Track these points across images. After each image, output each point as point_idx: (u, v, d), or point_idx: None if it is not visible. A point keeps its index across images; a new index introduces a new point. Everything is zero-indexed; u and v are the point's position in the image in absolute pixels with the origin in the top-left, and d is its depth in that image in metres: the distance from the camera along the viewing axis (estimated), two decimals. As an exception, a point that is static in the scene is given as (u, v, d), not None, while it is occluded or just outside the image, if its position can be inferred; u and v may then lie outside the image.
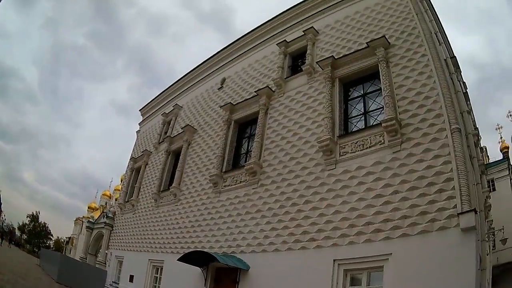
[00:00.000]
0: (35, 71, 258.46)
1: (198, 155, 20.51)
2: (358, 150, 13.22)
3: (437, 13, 18.41)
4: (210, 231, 17.07)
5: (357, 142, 13.35)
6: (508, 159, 48.38)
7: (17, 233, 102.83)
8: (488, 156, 41.00)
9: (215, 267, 15.74)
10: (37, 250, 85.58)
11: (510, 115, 61.80)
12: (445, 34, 19.37)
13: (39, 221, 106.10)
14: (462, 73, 20.06)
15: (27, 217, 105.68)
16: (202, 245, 17.01)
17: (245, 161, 17.25)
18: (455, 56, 17.24)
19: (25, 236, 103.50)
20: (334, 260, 12.09)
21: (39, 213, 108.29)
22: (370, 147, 13.00)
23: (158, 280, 19.53)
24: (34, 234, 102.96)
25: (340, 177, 13.21)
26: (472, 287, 9.79)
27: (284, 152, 15.45)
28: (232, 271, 14.68)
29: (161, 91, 29.26)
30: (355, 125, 14.35)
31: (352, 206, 12.47)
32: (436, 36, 14.80)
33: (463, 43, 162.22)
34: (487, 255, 17.31)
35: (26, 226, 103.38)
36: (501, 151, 59.15)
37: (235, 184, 16.93)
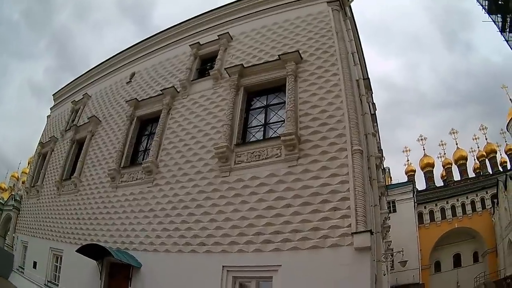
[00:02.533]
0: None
1: (99, 147, 19.14)
2: (254, 160, 12.72)
3: (359, 33, 18.20)
4: (105, 225, 15.94)
5: (253, 152, 12.83)
6: (413, 182, 50.09)
7: None
8: (391, 177, 41.92)
9: (110, 262, 14.63)
10: None
11: (421, 139, 64.58)
12: (363, 54, 19.35)
13: None
14: (373, 94, 20.11)
15: None
16: (98, 238, 15.84)
17: (143, 159, 16.19)
18: (368, 78, 17.32)
19: None
20: (223, 266, 11.56)
21: None
22: (266, 158, 12.54)
23: (58, 269, 18.04)
24: None
25: (233, 185, 12.65)
26: None
27: (181, 155, 14.65)
28: (125, 267, 13.75)
29: (74, 78, 27.17)
30: (254, 135, 13.80)
31: (243, 215, 11.98)
32: (353, 56, 14.72)
33: (383, 64, 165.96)
34: (384, 275, 17.46)
35: None
36: (406, 173, 61.55)
37: (131, 181, 15.86)
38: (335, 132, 11.88)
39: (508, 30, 28.61)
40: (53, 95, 29.84)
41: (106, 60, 23.63)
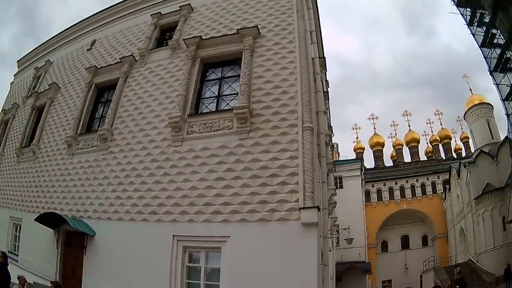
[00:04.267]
0: None
1: (58, 114, 18.30)
2: (206, 132, 12.48)
3: (319, 11, 17.72)
4: (62, 193, 15.39)
5: (205, 123, 12.58)
6: (361, 160, 49.97)
7: None
8: (339, 153, 41.67)
9: (66, 230, 14.17)
10: None
11: (372, 118, 64.18)
12: (321, 33, 18.95)
13: None
14: (327, 72, 19.79)
15: None
16: (54, 206, 15.29)
17: (99, 126, 15.57)
18: (323, 57, 16.94)
19: None
20: (173, 236, 11.46)
21: None
22: (217, 130, 12.32)
23: (17, 238, 17.39)
24: None
25: (184, 155, 12.40)
26: (313, 281, 9.60)
27: (135, 123, 14.16)
28: (80, 236, 13.42)
29: (38, 45, 25.77)
30: (207, 107, 13.48)
31: (193, 185, 11.79)
32: (310, 35, 14.42)
33: (339, 40, 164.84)
34: (330, 251, 17.50)
35: None
36: (354, 151, 61.27)
37: (87, 148, 15.31)
38: (287, 108, 11.75)
39: (476, 24, 28.45)
40: (17, 61, 28.42)
41: (69, 28, 22.44)
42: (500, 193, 32.90)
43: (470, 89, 46.61)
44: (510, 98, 25.77)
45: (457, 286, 20.59)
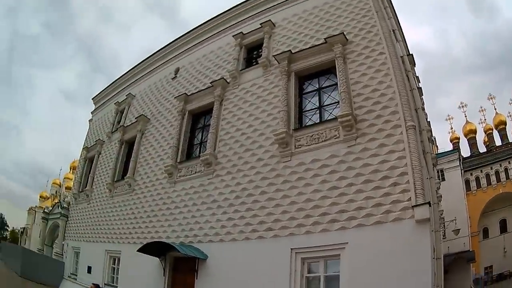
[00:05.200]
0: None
1: (152, 145, 20.02)
2: (313, 143, 13.33)
3: (395, 9, 18.54)
4: (166, 221, 16.80)
5: (312, 135, 13.44)
6: (458, 149, 50.08)
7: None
8: (437, 146, 42.07)
9: (173, 257, 15.55)
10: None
11: (462, 106, 63.72)
12: (402, 31, 19.62)
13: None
14: (415, 68, 20.43)
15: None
16: (158, 235, 16.75)
17: (200, 152, 16.96)
18: (411, 54, 17.49)
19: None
20: (291, 249, 12.24)
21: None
22: (325, 140, 13.14)
23: (115, 270, 19.08)
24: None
25: (295, 169, 13.28)
26: (428, 275, 10.17)
27: (239, 144, 15.33)
28: (190, 260, 14.54)
29: (114, 80, 28.27)
30: (310, 119, 14.37)
31: (308, 197, 12.60)
32: (394, 34, 14.99)
33: (413, 33, 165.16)
34: (440, 244, 17.94)
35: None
36: (451, 141, 60.95)
37: (190, 175, 16.67)
38: (389, 110, 12.42)
39: None
40: (92, 99, 31.10)
41: (147, 58, 24.50)
42: None
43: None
44: None
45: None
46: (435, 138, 30.63)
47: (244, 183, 14.39)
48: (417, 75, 20.28)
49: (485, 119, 62.91)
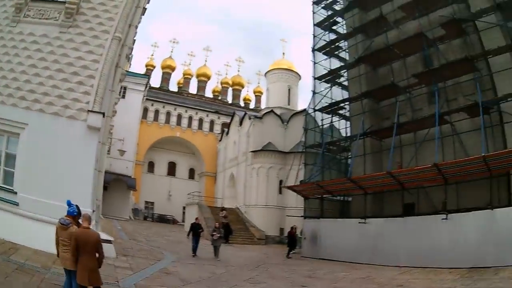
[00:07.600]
0: None
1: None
2: (37, 18, 13.14)
3: None
4: None
5: (40, 10, 13.20)
6: (149, 77, 51.41)
7: None
8: (130, 64, 41.78)
9: None
10: None
11: (173, 42, 65.93)
12: None
13: None
14: None
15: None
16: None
17: None
18: None
19: None
20: None
21: None
22: (46, 19, 13.11)
23: None
24: None
25: (14, 36, 12.97)
26: (89, 185, 11.45)
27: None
28: None
29: None
30: None
31: (12, 68, 12.52)
32: None
33: None
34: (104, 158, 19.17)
35: None
36: (146, 66, 62.40)
37: None
38: (107, 15, 13.00)
39: (323, 5, 31.33)
40: None
41: None
42: (282, 157, 37.41)
43: (283, 53, 50.71)
44: (321, 79, 29.74)
45: (221, 229, 21.98)
46: (132, 56, 31.17)
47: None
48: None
49: (190, 64, 67.02)
